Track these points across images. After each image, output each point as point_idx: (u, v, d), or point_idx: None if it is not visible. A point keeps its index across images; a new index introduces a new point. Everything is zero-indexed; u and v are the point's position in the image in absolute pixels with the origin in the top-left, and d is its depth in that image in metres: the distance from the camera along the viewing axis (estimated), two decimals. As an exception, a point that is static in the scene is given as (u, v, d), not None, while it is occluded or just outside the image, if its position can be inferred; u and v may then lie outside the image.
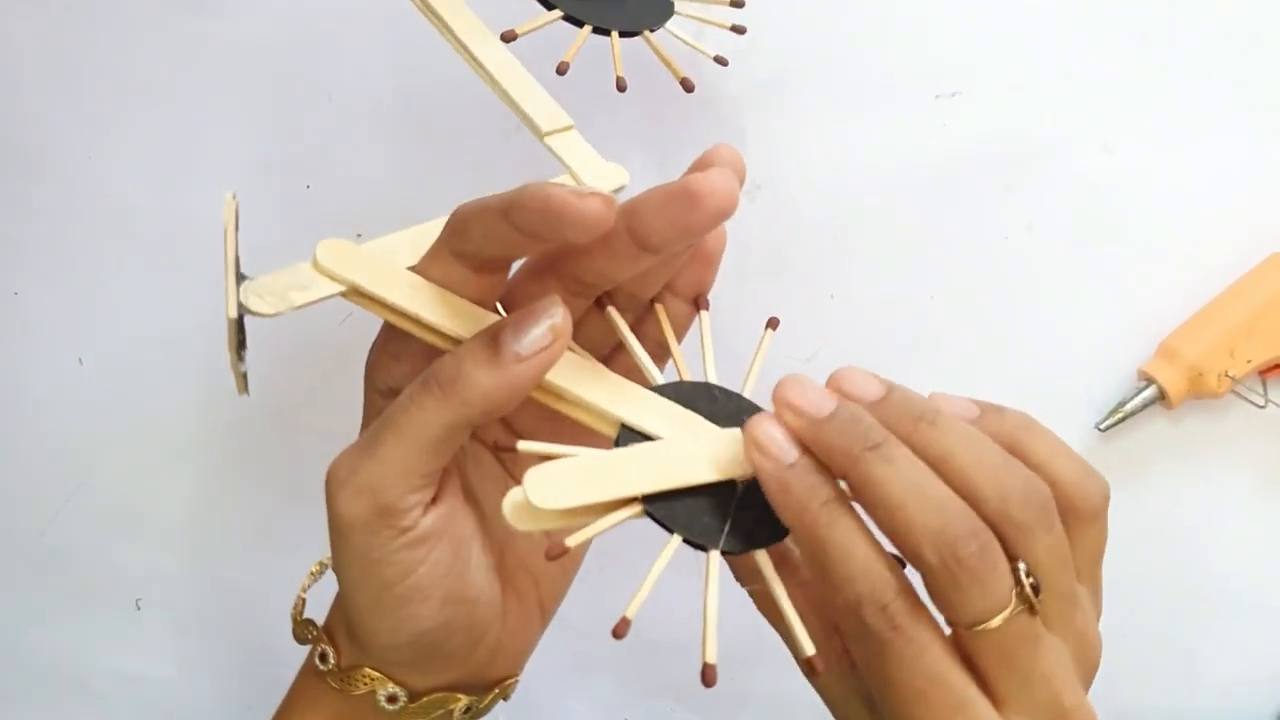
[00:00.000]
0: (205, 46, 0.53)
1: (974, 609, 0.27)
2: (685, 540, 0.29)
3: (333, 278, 0.32)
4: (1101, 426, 0.50)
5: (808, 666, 0.29)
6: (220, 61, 0.52)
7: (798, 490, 0.28)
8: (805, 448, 0.29)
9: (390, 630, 0.34)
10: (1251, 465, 0.51)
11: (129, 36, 0.53)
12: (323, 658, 0.36)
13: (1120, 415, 0.50)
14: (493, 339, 0.31)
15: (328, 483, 0.33)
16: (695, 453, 0.30)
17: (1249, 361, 0.49)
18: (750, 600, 0.55)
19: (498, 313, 0.34)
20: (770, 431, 0.29)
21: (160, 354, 0.54)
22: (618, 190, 0.39)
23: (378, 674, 0.36)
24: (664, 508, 0.29)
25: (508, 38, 0.41)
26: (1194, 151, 0.51)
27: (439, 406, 0.31)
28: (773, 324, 0.37)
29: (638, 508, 0.29)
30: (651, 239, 0.31)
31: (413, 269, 0.33)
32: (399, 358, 0.34)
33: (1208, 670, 0.52)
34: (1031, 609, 0.28)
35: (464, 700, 0.37)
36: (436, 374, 0.31)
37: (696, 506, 0.30)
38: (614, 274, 0.33)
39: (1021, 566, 0.28)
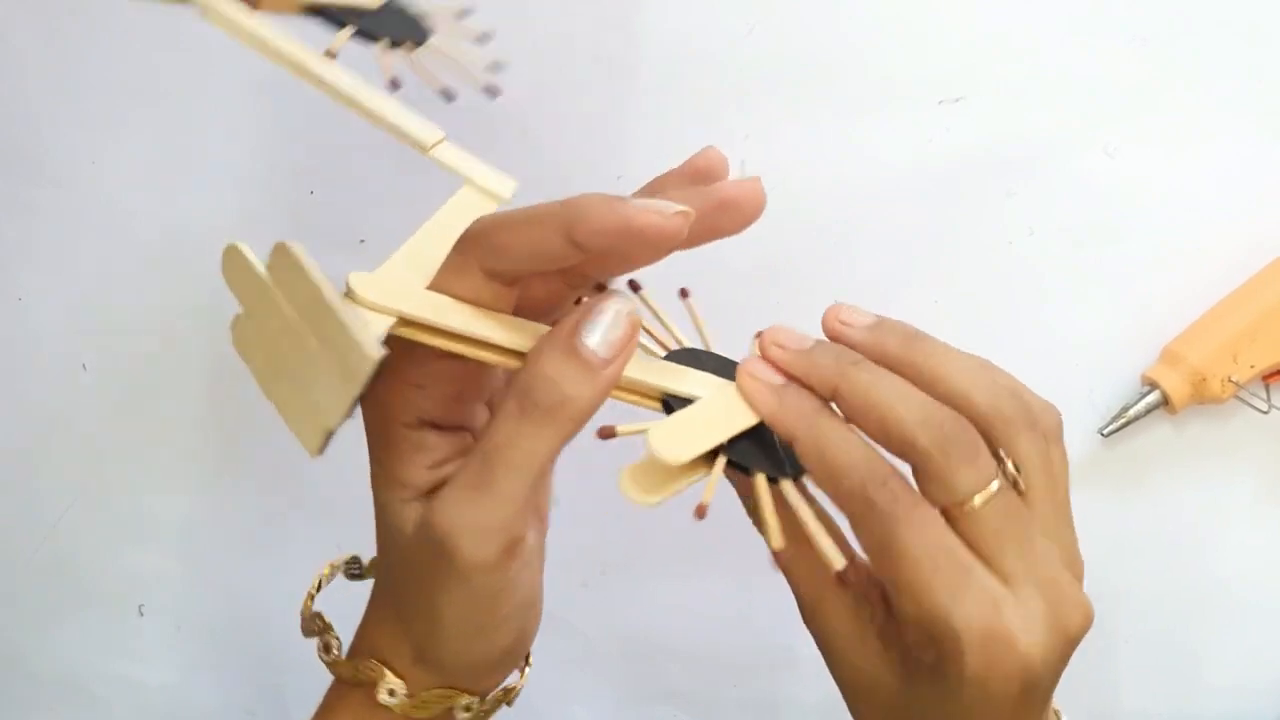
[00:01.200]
0: (208, 50, 0.53)
1: (966, 481, 0.29)
2: (768, 477, 0.31)
3: (377, 310, 0.30)
4: (1105, 431, 0.50)
5: (839, 579, 0.31)
6: (223, 65, 0.52)
7: (791, 403, 0.31)
8: (791, 376, 0.32)
9: (484, 650, 0.34)
10: (1254, 470, 0.51)
11: (132, 40, 0.52)
12: (391, 693, 0.35)
13: (1123, 420, 0.50)
14: (573, 350, 0.30)
15: (444, 534, 0.31)
16: (736, 402, 0.32)
17: (1252, 367, 0.49)
18: (750, 606, 0.55)
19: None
20: (758, 365, 0.32)
21: (163, 360, 0.54)
22: (507, 202, 0.38)
23: (451, 690, 0.35)
24: (737, 453, 0.31)
25: (330, 55, 0.39)
26: (1196, 155, 0.51)
27: (548, 434, 0.30)
28: (684, 293, 0.37)
29: (723, 459, 0.31)
30: (688, 243, 0.31)
31: (433, 288, 0.32)
32: (423, 385, 0.33)
33: (1210, 675, 0.52)
34: (1018, 489, 0.30)
35: (517, 687, 0.38)
36: (535, 400, 0.30)
37: (752, 449, 0.32)
38: (630, 271, 0.34)
39: (1001, 452, 0.31)
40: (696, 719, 0.54)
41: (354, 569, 0.39)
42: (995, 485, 0.30)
